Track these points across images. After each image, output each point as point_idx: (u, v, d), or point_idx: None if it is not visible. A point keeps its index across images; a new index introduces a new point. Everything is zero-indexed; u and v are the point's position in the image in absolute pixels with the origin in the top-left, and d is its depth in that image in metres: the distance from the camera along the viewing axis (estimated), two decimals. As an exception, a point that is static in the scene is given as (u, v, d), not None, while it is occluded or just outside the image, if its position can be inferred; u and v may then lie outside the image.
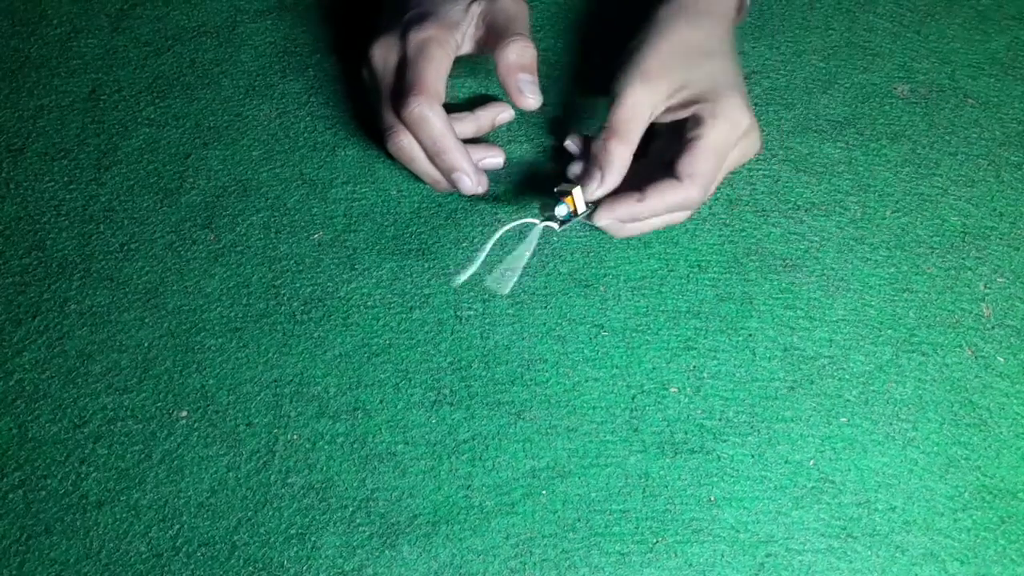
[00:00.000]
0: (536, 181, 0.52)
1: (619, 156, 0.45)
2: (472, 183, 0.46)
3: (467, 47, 0.48)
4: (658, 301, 0.48)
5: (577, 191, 0.45)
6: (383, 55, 0.46)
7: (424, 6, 0.47)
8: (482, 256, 0.44)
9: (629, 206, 0.44)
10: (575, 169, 0.49)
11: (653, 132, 0.48)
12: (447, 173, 0.46)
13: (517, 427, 0.45)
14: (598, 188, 0.45)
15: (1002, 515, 0.44)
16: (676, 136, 0.45)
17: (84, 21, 0.56)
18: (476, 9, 0.47)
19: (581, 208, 0.45)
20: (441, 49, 0.45)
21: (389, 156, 0.48)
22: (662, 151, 0.47)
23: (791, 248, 0.50)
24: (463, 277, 0.44)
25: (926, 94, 0.56)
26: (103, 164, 0.51)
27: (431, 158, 0.46)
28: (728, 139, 0.44)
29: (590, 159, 0.46)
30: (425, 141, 0.45)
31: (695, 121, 0.44)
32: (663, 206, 0.44)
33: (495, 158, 0.51)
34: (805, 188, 0.52)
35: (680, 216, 0.46)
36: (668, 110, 0.46)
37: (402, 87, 0.45)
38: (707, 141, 0.43)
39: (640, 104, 0.45)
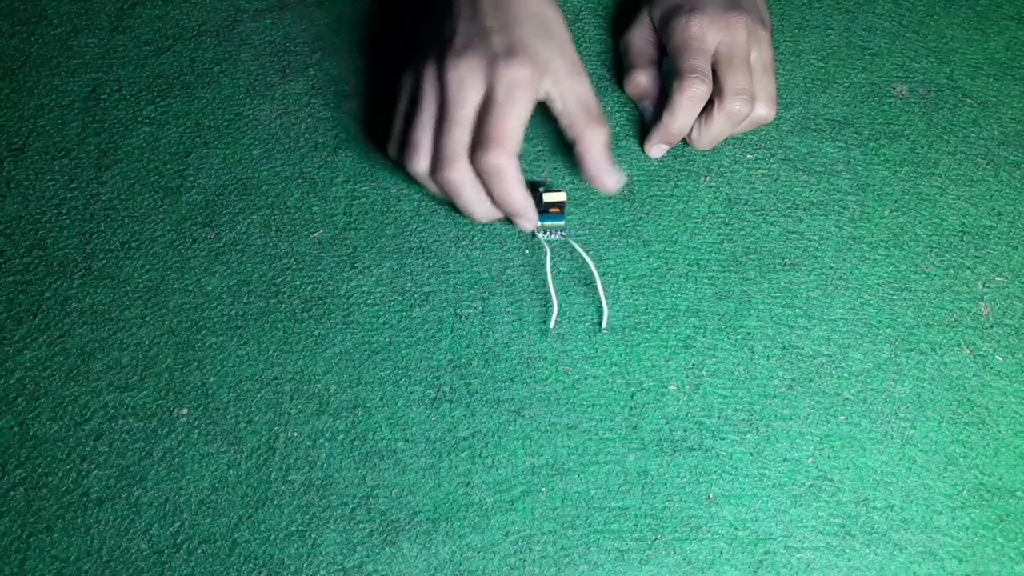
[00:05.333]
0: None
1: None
2: (532, 226, 0.48)
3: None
4: (657, 299, 0.48)
5: (557, 196, 0.50)
6: (461, 79, 0.44)
7: (512, 31, 0.45)
8: (555, 296, 0.48)
9: (658, 128, 0.51)
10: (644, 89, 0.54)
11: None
12: (509, 215, 0.47)
13: (516, 424, 0.45)
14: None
15: (1000, 513, 0.44)
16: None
17: (84, 20, 0.57)
18: (554, 54, 0.45)
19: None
20: (529, 97, 0.44)
21: (399, 168, 0.48)
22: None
23: (790, 247, 0.50)
24: (552, 322, 0.47)
25: (925, 94, 0.56)
26: (104, 163, 0.52)
27: (496, 200, 0.46)
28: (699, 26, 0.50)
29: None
30: (493, 189, 0.45)
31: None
32: (683, 106, 0.49)
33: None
34: (804, 187, 0.52)
35: (734, 108, 0.49)
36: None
37: (483, 132, 0.44)
38: (681, 38, 0.50)
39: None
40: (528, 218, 0.47)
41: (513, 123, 0.44)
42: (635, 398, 0.46)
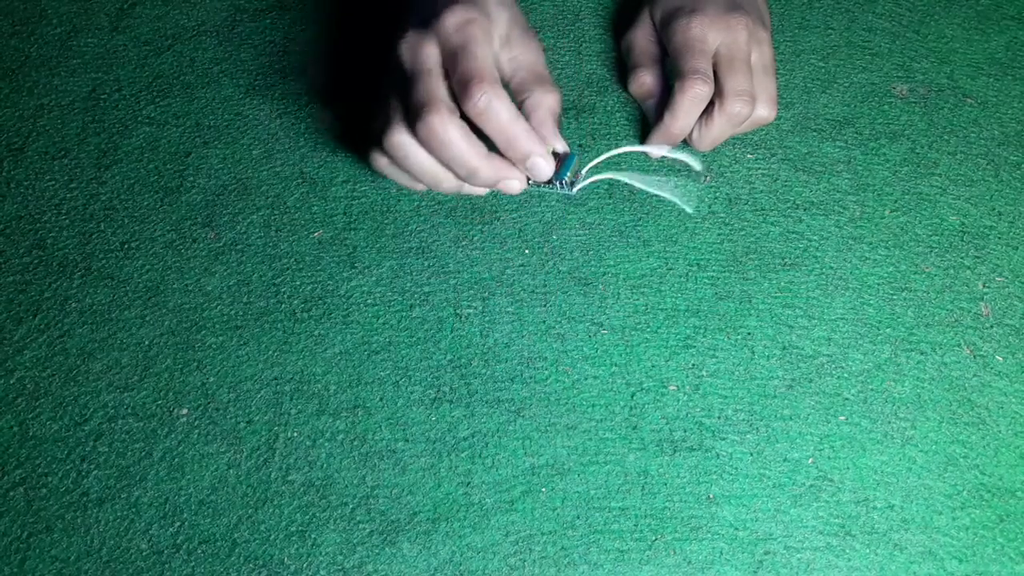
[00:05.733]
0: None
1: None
2: (550, 167, 0.44)
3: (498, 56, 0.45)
4: (657, 299, 0.48)
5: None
6: (411, 47, 0.43)
7: None
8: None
9: (659, 129, 0.50)
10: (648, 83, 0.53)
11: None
12: (520, 160, 0.44)
13: (516, 425, 0.45)
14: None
15: (1000, 513, 0.44)
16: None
17: (84, 20, 0.57)
18: (503, 15, 0.45)
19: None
20: (484, 31, 0.42)
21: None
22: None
23: (790, 247, 0.50)
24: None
25: (925, 94, 0.56)
26: (103, 163, 0.52)
27: (502, 148, 0.43)
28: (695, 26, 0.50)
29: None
30: (494, 131, 0.42)
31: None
32: (685, 107, 0.48)
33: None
34: (804, 187, 0.52)
35: (736, 108, 0.49)
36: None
37: (456, 81, 0.42)
38: (682, 39, 0.50)
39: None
40: (539, 155, 0.43)
41: (479, 58, 0.42)
42: (635, 398, 0.46)
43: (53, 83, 0.54)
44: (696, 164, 0.51)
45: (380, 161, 0.45)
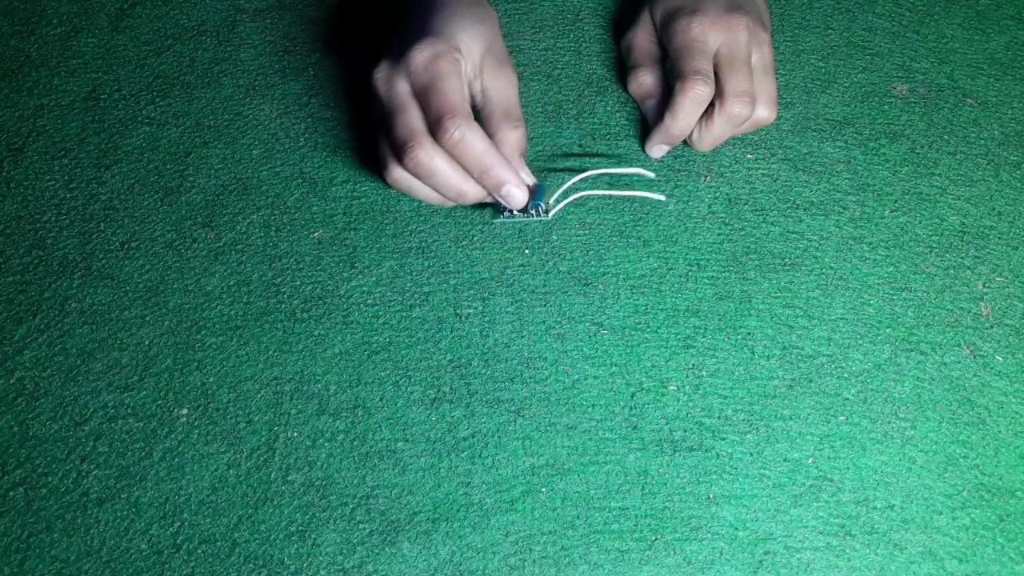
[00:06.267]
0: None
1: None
2: (524, 195, 0.47)
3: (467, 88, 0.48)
4: (657, 299, 0.48)
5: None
6: (384, 81, 0.46)
7: (423, 24, 0.47)
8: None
9: (659, 130, 0.50)
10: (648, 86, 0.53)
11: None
12: (495, 189, 0.46)
13: (516, 425, 0.45)
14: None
15: (1000, 513, 0.44)
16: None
17: (84, 20, 0.57)
18: (477, 47, 0.47)
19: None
20: (450, 67, 0.45)
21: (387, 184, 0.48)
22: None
23: (790, 247, 0.50)
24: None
25: (925, 94, 0.56)
26: (103, 163, 0.52)
27: (476, 177, 0.46)
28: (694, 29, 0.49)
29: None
30: (469, 162, 0.45)
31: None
32: (685, 108, 0.48)
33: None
34: (804, 187, 0.52)
35: (736, 108, 0.49)
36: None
37: (429, 118, 0.44)
38: (683, 41, 0.49)
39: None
40: (513, 184, 0.46)
41: (448, 92, 0.44)
42: (635, 398, 0.46)
43: (53, 83, 0.54)
44: (649, 174, 0.51)
45: (398, 186, 0.48)
